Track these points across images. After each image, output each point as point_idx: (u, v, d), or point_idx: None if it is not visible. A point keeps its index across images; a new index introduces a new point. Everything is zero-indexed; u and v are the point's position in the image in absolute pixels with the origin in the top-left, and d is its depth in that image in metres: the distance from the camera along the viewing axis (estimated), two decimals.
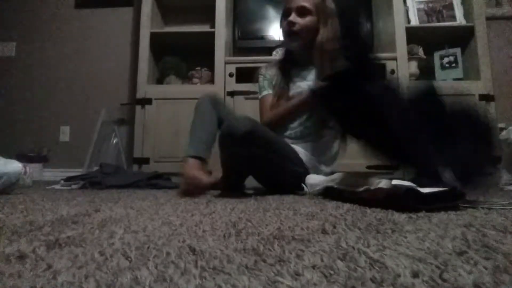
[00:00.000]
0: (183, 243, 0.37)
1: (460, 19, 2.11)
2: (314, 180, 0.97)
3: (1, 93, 2.60)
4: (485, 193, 0.67)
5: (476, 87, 1.93)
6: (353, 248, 0.34)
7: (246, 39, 2.30)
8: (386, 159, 0.78)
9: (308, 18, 1.10)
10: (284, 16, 1.15)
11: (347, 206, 0.71)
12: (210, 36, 2.07)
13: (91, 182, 1.47)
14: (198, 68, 2.21)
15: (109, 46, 2.60)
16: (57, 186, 1.52)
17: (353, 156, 1.24)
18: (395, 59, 1.97)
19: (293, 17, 1.10)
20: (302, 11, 1.10)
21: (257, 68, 1.35)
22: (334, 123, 0.97)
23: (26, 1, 2.69)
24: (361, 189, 0.73)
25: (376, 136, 0.73)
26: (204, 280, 0.25)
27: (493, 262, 0.28)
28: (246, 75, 1.98)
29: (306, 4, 1.10)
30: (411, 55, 2.02)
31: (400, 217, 0.55)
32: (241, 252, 0.33)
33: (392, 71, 1.96)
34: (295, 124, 1.15)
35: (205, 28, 2.35)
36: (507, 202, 0.71)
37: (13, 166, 1.08)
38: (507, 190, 1.23)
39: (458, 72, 2.08)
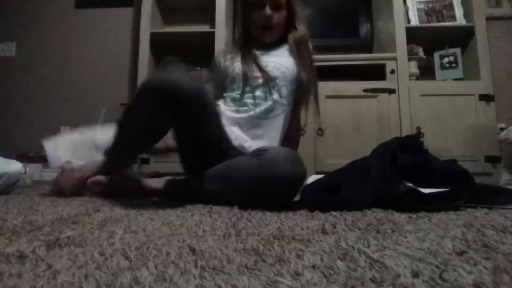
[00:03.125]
0: (183, 243, 0.37)
1: (460, 19, 2.11)
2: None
3: (1, 93, 2.60)
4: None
5: (476, 87, 1.93)
6: (353, 248, 0.34)
7: None
8: None
9: (282, 12, 1.07)
10: (255, 8, 1.06)
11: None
12: (210, 36, 2.07)
13: None
14: (198, 68, 2.20)
15: (109, 46, 2.60)
16: None
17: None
18: (395, 59, 1.97)
19: (269, 11, 1.04)
20: (277, 5, 1.05)
21: None
22: None
23: (26, 1, 2.69)
24: None
25: None
26: (204, 280, 0.25)
27: (493, 262, 0.28)
28: None
29: None
30: (411, 55, 2.03)
31: (400, 217, 0.55)
32: (241, 252, 0.33)
33: (392, 71, 1.96)
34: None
35: (205, 28, 2.35)
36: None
37: (13, 166, 1.08)
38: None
39: (458, 72, 2.08)
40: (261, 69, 1.02)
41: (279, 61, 1.06)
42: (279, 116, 1.02)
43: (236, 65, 1.06)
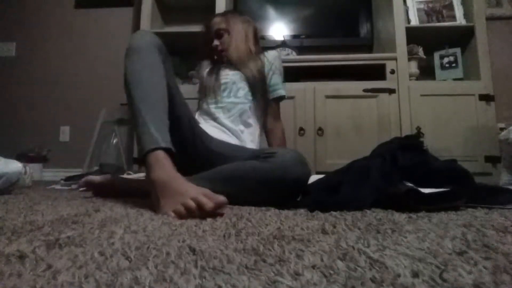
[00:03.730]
0: (183, 243, 0.37)
1: (460, 19, 2.11)
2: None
3: (1, 93, 2.60)
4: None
5: (476, 87, 1.93)
6: (353, 248, 0.34)
7: None
8: None
9: (225, 37, 1.29)
10: (208, 43, 1.32)
11: None
12: None
13: None
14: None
15: (109, 46, 2.60)
16: (57, 186, 1.52)
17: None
18: (395, 59, 1.97)
19: (214, 42, 1.29)
20: (219, 33, 1.30)
21: None
22: None
23: (26, 1, 2.69)
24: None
25: None
26: (204, 280, 0.25)
27: (493, 262, 0.28)
28: None
29: (220, 26, 1.30)
30: (411, 55, 2.03)
31: (400, 217, 0.55)
32: (241, 252, 0.33)
33: (392, 71, 1.96)
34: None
35: None
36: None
37: (13, 166, 1.08)
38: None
39: (458, 72, 2.08)
40: (217, 79, 1.23)
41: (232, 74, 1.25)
42: (239, 113, 1.18)
43: (204, 77, 1.29)
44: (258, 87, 1.23)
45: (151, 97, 0.77)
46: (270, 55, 1.33)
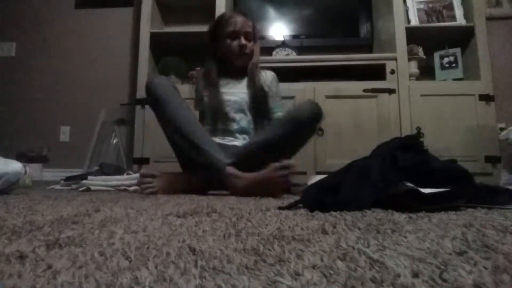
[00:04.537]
0: (183, 243, 0.37)
1: (460, 19, 2.11)
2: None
3: (1, 93, 2.60)
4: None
5: (476, 87, 1.93)
6: (353, 248, 0.34)
7: None
8: None
9: (251, 42, 1.32)
10: (231, 37, 1.30)
11: None
12: None
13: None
14: (198, 68, 2.20)
15: (109, 46, 2.60)
16: (57, 186, 1.52)
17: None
18: (395, 59, 1.97)
19: (243, 41, 1.29)
20: (248, 36, 1.30)
21: None
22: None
23: (26, 1, 2.69)
24: None
25: None
26: (204, 280, 0.25)
27: (493, 262, 0.28)
28: None
29: (250, 30, 1.31)
30: (411, 55, 2.03)
31: (400, 217, 0.55)
32: (241, 252, 0.33)
33: (392, 71, 1.96)
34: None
35: (205, 28, 2.34)
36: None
37: (13, 166, 1.08)
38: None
39: (458, 72, 2.08)
40: (221, 101, 1.29)
41: (239, 90, 1.32)
42: (245, 135, 1.31)
43: (206, 99, 1.34)
44: (260, 104, 1.31)
45: (197, 130, 1.13)
46: (269, 75, 1.38)
